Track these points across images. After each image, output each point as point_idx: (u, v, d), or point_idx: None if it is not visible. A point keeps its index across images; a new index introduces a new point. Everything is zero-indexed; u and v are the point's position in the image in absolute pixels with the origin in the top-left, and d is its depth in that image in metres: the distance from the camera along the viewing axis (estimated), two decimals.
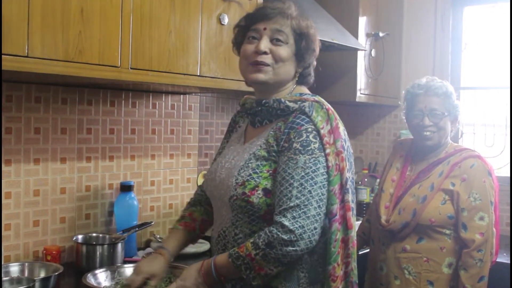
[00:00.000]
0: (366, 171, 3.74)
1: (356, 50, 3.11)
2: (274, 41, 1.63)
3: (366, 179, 3.64)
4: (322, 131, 1.57)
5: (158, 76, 2.08)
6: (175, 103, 2.75)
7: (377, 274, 2.39)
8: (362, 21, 3.31)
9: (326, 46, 2.93)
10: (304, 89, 1.73)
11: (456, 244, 2.24)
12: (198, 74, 2.21)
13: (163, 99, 2.70)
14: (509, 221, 3.18)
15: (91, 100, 2.41)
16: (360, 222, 2.66)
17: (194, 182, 2.85)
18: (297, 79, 1.71)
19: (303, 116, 1.59)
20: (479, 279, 2.18)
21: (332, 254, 1.57)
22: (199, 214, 1.87)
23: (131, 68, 1.98)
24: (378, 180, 3.61)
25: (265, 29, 1.63)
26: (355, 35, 3.18)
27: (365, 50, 3.27)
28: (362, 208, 3.50)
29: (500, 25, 3.43)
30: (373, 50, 3.39)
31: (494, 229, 2.24)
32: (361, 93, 3.34)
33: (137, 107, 2.59)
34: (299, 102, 1.63)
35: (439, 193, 2.25)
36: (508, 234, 3.11)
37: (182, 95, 2.78)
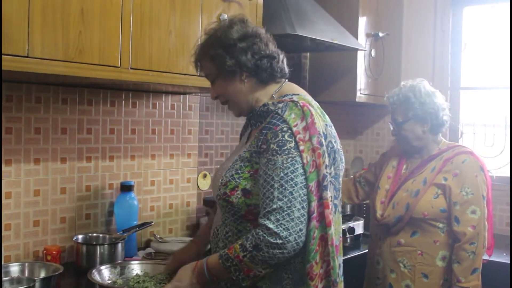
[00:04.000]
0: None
1: (356, 50, 3.11)
2: (212, 83, 1.73)
3: None
4: (295, 129, 1.56)
5: (158, 76, 2.08)
6: (175, 103, 2.75)
7: (374, 269, 2.46)
8: (362, 21, 3.31)
9: (326, 46, 2.93)
10: (293, 87, 1.74)
11: (449, 238, 2.31)
12: (198, 74, 2.21)
13: (163, 99, 2.70)
14: (509, 221, 3.18)
15: (91, 100, 2.41)
16: (361, 221, 2.69)
17: (194, 182, 2.85)
18: (268, 78, 1.69)
19: (278, 116, 1.59)
20: (472, 271, 2.24)
21: (310, 252, 1.56)
22: None
23: (131, 68, 1.98)
24: None
25: (206, 77, 1.75)
26: (355, 35, 3.17)
27: (365, 50, 3.27)
28: (361, 208, 3.49)
29: (500, 25, 3.43)
30: (373, 50, 3.39)
31: (486, 223, 2.30)
32: (361, 93, 3.34)
33: (137, 107, 2.59)
34: (276, 103, 1.64)
35: (432, 187, 2.31)
36: (508, 234, 3.11)
37: (182, 95, 2.78)
